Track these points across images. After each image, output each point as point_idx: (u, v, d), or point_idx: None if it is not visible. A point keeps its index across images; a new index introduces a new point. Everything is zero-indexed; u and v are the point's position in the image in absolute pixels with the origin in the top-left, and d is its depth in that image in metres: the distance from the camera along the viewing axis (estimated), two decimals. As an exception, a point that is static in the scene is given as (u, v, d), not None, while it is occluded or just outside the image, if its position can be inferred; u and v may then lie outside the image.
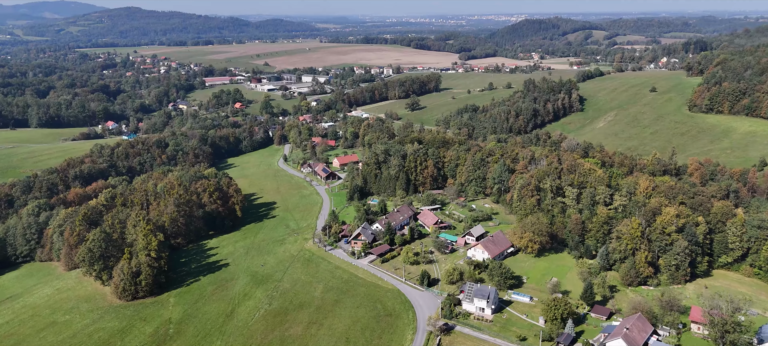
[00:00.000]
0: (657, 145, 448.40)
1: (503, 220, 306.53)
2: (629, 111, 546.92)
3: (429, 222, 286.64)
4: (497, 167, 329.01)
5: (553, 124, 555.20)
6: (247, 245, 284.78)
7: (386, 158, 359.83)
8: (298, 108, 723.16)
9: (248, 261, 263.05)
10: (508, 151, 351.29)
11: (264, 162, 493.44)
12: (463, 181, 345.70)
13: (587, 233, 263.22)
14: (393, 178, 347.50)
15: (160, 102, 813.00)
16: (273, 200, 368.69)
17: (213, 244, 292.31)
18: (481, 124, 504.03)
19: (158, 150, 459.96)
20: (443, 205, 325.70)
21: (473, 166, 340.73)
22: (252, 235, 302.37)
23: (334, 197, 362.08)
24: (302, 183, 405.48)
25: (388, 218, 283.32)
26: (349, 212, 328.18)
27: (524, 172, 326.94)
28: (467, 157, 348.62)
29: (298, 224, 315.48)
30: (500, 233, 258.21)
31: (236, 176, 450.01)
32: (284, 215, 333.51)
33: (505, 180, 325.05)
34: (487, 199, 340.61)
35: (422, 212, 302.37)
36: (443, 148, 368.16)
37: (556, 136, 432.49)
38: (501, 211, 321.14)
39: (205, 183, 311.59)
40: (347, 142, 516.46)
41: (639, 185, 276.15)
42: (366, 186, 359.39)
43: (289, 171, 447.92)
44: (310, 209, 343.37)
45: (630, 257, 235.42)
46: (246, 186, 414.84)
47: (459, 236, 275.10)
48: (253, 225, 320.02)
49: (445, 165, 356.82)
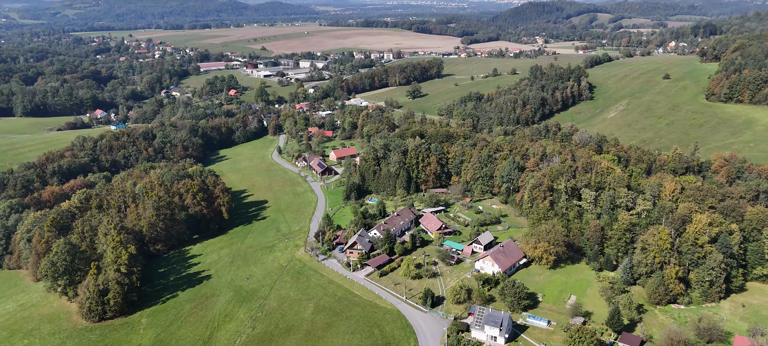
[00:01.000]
0: (674, 138, 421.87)
1: (513, 223, 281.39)
2: (642, 100, 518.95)
3: (432, 227, 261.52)
4: (506, 165, 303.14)
5: (562, 114, 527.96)
6: (233, 253, 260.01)
7: (386, 154, 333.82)
8: (294, 95, 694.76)
9: (233, 272, 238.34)
10: (518, 146, 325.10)
11: (257, 154, 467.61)
12: (469, 179, 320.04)
13: (607, 240, 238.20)
14: (393, 176, 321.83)
15: (152, 89, 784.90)
16: (264, 199, 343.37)
17: (196, 250, 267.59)
18: (486, 115, 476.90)
19: (145, 142, 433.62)
20: (447, 206, 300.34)
21: (480, 163, 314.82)
22: (239, 240, 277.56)
23: (329, 196, 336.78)
24: (296, 179, 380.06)
25: (387, 223, 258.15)
26: (345, 214, 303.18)
27: (535, 170, 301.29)
28: (473, 153, 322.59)
29: (289, 227, 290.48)
30: (511, 243, 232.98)
31: (227, 169, 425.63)
32: (275, 217, 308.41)
33: (515, 179, 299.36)
34: (494, 199, 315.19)
35: (424, 215, 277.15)
36: (447, 142, 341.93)
37: (567, 129, 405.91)
38: (510, 212, 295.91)
39: (189, 183, 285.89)
40: (345, 133, 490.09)
41: (664, 187, 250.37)
42: (364, 184, 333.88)
43: (283, 165, 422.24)
44: (303, 209, 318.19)
45: (657, 271, 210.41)
46: (237, 181, 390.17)
47: (465, 243, 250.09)
48: (242, 228, 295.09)
49: (449, 161, 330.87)
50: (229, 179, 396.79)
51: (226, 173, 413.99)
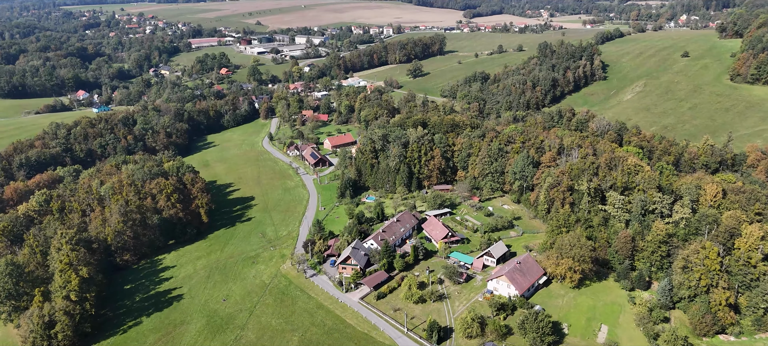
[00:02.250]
0: (699, 124, 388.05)
1: (527, 227, 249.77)
2: (660, 80, 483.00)
3: (437, 235, 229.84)
4: (519, 160, 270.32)
5: (573, 96, 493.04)
6: (211, 264, 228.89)
7: (384, 146, 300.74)
8: (289, 74, 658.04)
9: (208, 291, 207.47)
10: (532, 137, 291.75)
11: (247, 141, 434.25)
12: (477, 174, 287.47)
13: (638, 253, 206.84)
14: (392, 171, 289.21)
15: (140, 67, 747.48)
16: (251, 195, 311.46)
17: (170, 260, 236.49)
18: (493, 98, 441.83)
19: (124, 129, 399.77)
20: (453, 207, 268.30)
21: (489, 157, 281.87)
22: (219, 247, 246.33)
23: (322, 192, 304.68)
24: (287, 171, 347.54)
25: (385, 231, 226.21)
26: (338, 215, 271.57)
27: (551, 165, 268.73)
28: (482, 145, 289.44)
29: (276, 231, 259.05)
30: (529, 259, 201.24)
31: (214, 158, 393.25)
32: (262, 218, 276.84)
33: (529, 176, 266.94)
34: (505, 197, 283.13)
35: (428, 219, 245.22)
36: (452, 132, 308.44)
37: (582, 115, 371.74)
38: (523, 214, 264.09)
39: (162, 183, 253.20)
40: (341, 118, 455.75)
41: (704, 190, 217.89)
42: (360, 179, 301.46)
43: (274, 154, 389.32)
44: (293, 208, 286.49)
45: (702, 295, 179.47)
46: (223, 173, 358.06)
47: (475, 255, 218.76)
48: (223, 232, 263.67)
49: (455, 155, 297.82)
50: (215, 170, 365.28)
51: (212, 163, 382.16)
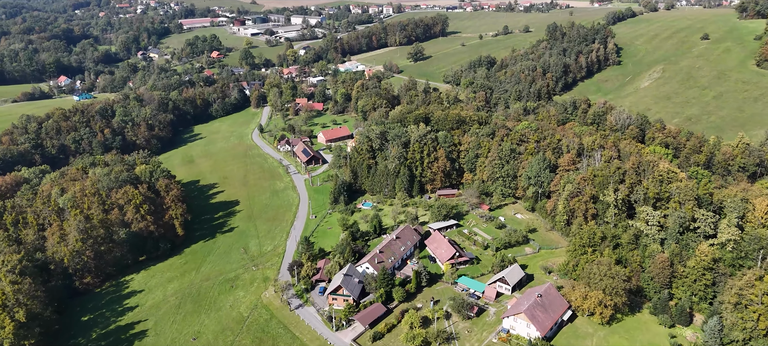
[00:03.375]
0: (725, 116, 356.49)
1: (544, 241, 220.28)
2: (680, 65, 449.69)
3: (442, 254, 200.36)
4: (534, 163, 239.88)
5: (586, 83, 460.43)
6: (183, 289, 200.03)
7: (383, 145, 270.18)
8: (283, 58, 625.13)
9: (177, 325, 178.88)
10: (547, 136, 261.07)
11: (236, 133, 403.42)
12: (486, 178, 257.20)
13: (676, 278, 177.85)
14: (391, 173, 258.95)
15: (128, 50, 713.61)
16: (236, 198, 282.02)
17: (138, 283, 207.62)
18: (501, 86, 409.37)
19: (101, 122, 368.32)
20: (459, 217, 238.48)
21: (500, 159, 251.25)
22: (195, 266, 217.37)
23: (314, 195, 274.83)
24: (277, 169, 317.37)
25: (383, 251, 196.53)
26: (331, 224, 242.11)
27: (570, 169, 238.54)
28: (491, 145, 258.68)
29: (260, 245, 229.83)
30: (551, 290, 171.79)
31: (199, 153, 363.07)
32: (246, 227, 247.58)
33: (545, 182, 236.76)
34: (518, 204, 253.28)
35: (432, 235, 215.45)
36: (458, 129, 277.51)
37: (599, 106, 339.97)
38: (539, 224, 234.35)
39: (131, 192, 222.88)
40: (337, 107, 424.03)
41: (754, 206, 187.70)
42: (356, 182, 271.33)
43: (263, 149, 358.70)
44: (281, 215, 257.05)
45: (762, 338, 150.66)
46: (208, 171, 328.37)
47: (487, 280, 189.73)
48: (202, 245, 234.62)
49: (461, 155, 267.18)
50: (200, 168, 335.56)
51: (197, 159, 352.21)
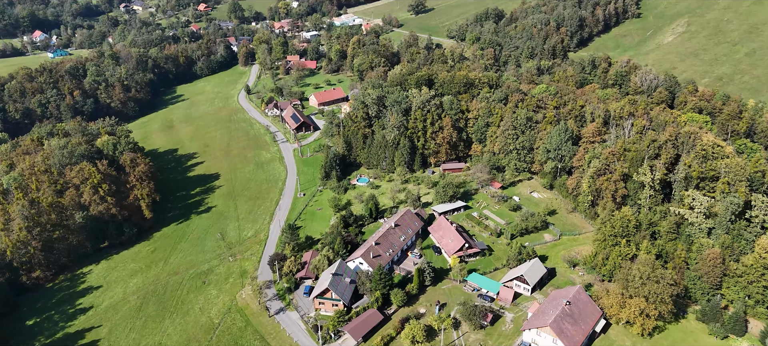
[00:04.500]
0: (760, 74, 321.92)
1: (565, 226, 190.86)
2: (706, 18, 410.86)
3: (448, 244, 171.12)
4: (554, 134, 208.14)
5: (603, 37, 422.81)
6: (147, 286, 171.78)
7: (380, 111, 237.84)
8: (275, 11, 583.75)
9: (136, 333, 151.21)
10: (567, 101, 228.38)
11: (221, 94, 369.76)
12: (497, 150, 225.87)
13: (727, 277, 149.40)
14: (390, 145, 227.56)
15: (110, 2, 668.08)
16: (216, 171, 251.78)
17: (96, 277, 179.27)
18: (511, 42, 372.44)
19: (71, 82, 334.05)
20: (468, 197, 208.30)
21: (514, 128, 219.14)
22: (164, 254, 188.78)
23: (304, 169, 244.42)
24: (263, 136, 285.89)
25: (380, 243, 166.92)
26: (321, 204, 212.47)
27: (596, 140, 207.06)
28: (504, 112, 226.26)
29: (240, 230, 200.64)
30: (581, 295, 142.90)
31: (180, 118, 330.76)
32: (225, 207, 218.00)
33: (568, 156, 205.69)
34: (534, 180, 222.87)
35: (437, 220, 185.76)
36: (466, 93, 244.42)
37: (622, 64, 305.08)
38: (558, 205, 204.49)
39: (87, 170, 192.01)
40: (331, 66, 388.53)
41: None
42: (350, 154, 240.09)
43: (249, 113, 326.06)
44: (265, 192, 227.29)
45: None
46: (188, 138, 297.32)
47: (502, 277, 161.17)
48: (174, 229, 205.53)
49: (470, 123, 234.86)
50: (179, 135, 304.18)
51: (177, 125, 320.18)
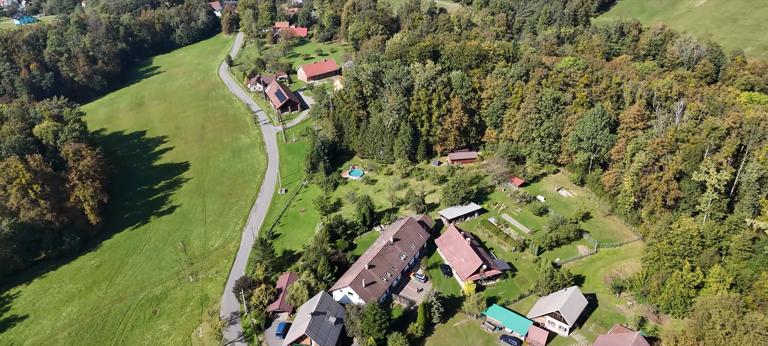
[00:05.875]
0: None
1: (602, 233, 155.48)
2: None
3: (462, 265, 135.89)
4: (587, 119, 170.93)
5: (626, 0, 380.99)
6: (84, 315, 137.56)
7: (377, 90, 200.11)
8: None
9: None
10: (601, 76, 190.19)
11: (201, 66, 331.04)
12: (517, 137, 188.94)
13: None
14: (389, 132, 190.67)
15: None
16: (186, 160, 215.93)
17: (24, 303, 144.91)
18: (525, 6, 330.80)
19: (29, 54, 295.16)
20: (482, 197, 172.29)
21: (538, 110, 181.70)
22: (110, 271, 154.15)
23: (288, 158, 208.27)
24: (243, 117, 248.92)
25: (374, 265, 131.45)
26: (305, 205, 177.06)
27: (638, 127, 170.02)
28: (525, 91, 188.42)
29: (206, 238, 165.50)
30: (641, 343, 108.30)
31: (152, 94, 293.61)
32: (191, 207, 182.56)
33: (604, 145, 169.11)
34: (560, 173, 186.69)
35: (446, 230, 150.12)
36: (478, 68, 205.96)
37: (656, 31, 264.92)
38: (593, 206, 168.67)
39: (15, 168, 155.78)
40: (324, 33, 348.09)
41: None
42: (341, 140, 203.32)
43: (230, 88, 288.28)
44: (239, 188, 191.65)
45: None
46: (158, 118, 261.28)
47: (530, 309, 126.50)
48: (128, 235, 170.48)
49: (483, 104, 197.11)
50: (149, 114, 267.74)
51: (148, 102, 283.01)
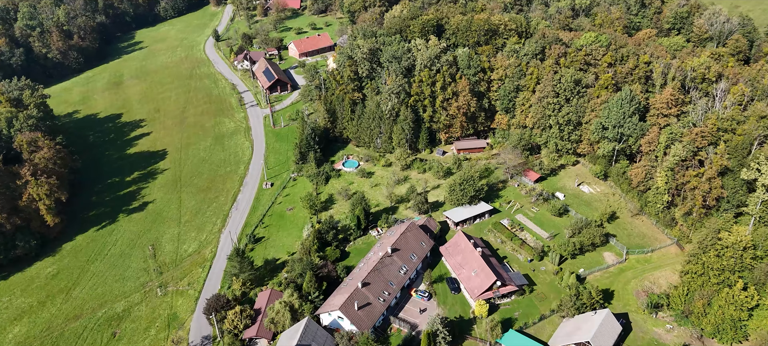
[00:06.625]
0: None
1: (630, 237, 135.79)
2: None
3: (472, 280, 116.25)
4: (613, 104, 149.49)
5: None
6: (32, 338, 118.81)
7: (374, 70, 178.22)
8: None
9: None
10: (627, 55, 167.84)
11: (186, 41, 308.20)
12: (531, 124, 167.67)
13: None
14: (387, 117, 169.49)
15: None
16: (164, 147, 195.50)
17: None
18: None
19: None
20: (493, 194, 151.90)
21: (556, 95, 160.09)
22: (67, 281, 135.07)
23: (274, 148, 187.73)
24: (228, 99, 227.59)
25: (369, 283, 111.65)
26: (293, 201, 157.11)
27: (670, 113, 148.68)
28: (541, 70, 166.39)
29: (179, 241, 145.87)
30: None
31: (132, 72, 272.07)
32: (165, 204, 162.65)
33: (633, 134, 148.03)
34: (580, 164, 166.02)
35: (453, 238, 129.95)
36: (488, 45, 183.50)
37: (681, 2, 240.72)
38: (618, 204, 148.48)
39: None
40: (318, 5, 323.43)
41: None
42: (335, 127, 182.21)
43: (216, 65, 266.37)
44: (221, 181, 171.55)
45: None
46: (137, 99, 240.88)
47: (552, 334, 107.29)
48: (92, 237, 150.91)
49: (493, 86, 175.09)
50: (127, 95, 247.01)
51: (127, 82, 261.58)
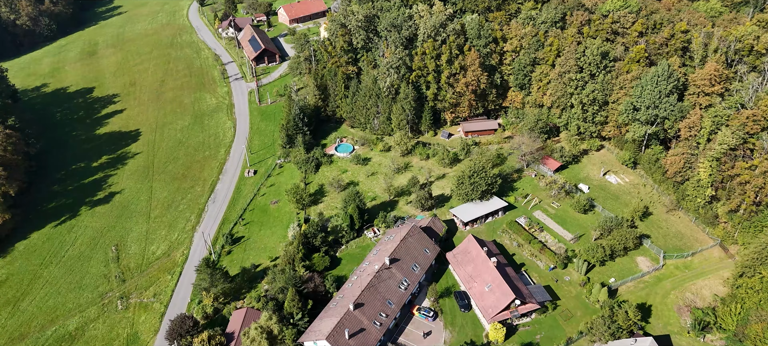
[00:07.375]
0: None
1: (667, 237, 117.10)
2: None
3: (485, 296, 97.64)
4: (648, 81, 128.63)
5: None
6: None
7: (370, 41, 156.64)
8: None
9: None
10: (660, 22, 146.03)
11: (168, 6, 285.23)
12: (550, 103, 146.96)
13: None
14: (386, 95, 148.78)
15: None
16: (137, 127, 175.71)
17: None
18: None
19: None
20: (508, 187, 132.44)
21: (579, 70, 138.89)
22: (15, 290, 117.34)
23: (259, 129, 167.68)
24: (210, 71, 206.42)
25: (362, 303, 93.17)
26: (278, 192, 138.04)
27: (712, 92, 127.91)
28: (561, 41, 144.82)
29: (148, 239, 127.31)
30: None
31: (108, 41, 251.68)
32: (134, 194, 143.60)
33: (671, 116, 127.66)
34: (604, 149, 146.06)
35: (462, 244, 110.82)
36: (500, 11, 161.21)
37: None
38: (651, 198, 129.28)
39: None
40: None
41: None
42: (327, 105, 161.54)
43: (199, 32, 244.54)
44: (198, 167, 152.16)
45: None
46: (111, 71, 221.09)
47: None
48: (49, 234, 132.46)
49: (506, 59, 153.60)
50: (101, 66, 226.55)
51: (101, 51, 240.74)
